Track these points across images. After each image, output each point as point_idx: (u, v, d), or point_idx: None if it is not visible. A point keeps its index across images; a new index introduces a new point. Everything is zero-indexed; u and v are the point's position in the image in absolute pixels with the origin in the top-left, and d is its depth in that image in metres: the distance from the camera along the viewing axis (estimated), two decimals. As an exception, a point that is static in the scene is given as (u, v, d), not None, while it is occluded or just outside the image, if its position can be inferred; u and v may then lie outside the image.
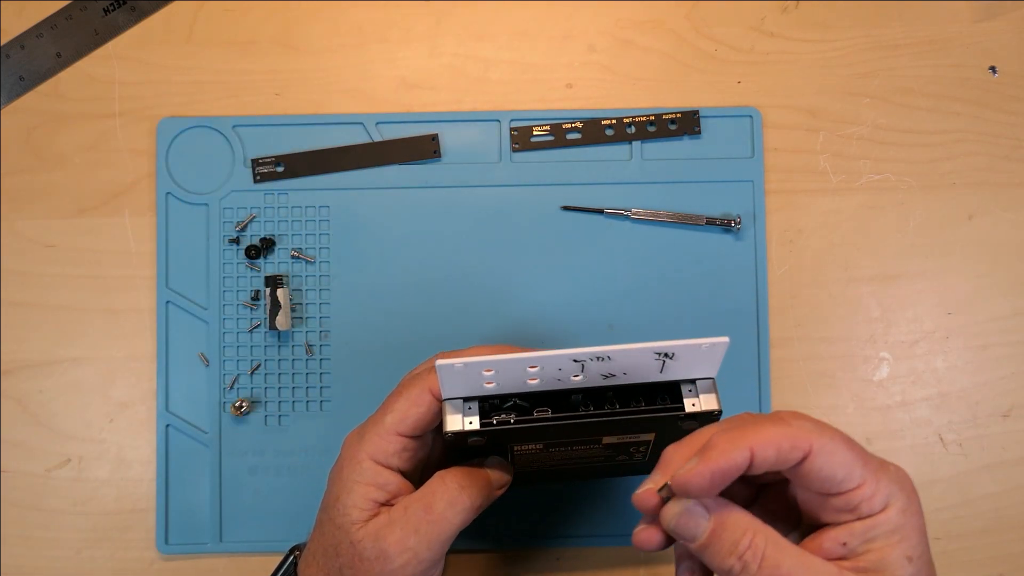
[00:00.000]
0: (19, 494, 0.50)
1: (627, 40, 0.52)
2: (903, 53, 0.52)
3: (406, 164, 0.51)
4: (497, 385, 0.35)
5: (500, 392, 0.35)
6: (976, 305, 0.51)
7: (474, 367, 0.33)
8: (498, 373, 0.34)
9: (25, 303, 0.51)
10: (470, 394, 0.36)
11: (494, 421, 0.35)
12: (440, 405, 0.36)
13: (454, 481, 0.37)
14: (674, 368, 0.35)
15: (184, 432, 0.49)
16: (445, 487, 0.37)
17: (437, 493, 0.37)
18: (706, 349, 0.33)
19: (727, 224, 0.50)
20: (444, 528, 0.37)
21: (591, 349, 0.33)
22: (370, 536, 0.36)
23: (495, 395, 0.36)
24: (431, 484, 0.38)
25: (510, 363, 0.33)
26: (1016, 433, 0.50)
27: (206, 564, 0.50)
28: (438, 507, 0.37)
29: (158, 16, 0.52)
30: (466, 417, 0.35)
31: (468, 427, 0.35)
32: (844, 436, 0.31)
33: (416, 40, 0.52)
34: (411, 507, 0.37)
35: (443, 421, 0.36)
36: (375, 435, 0.37)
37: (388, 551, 0.36)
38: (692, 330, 0.50)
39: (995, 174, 0.51)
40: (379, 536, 0.36)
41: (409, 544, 0.36)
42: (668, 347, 0.33)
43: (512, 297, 0.50)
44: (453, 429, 0.35)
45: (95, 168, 0.51)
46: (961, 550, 0.50)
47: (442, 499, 0.37)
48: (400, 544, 0.36)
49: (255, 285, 0.50)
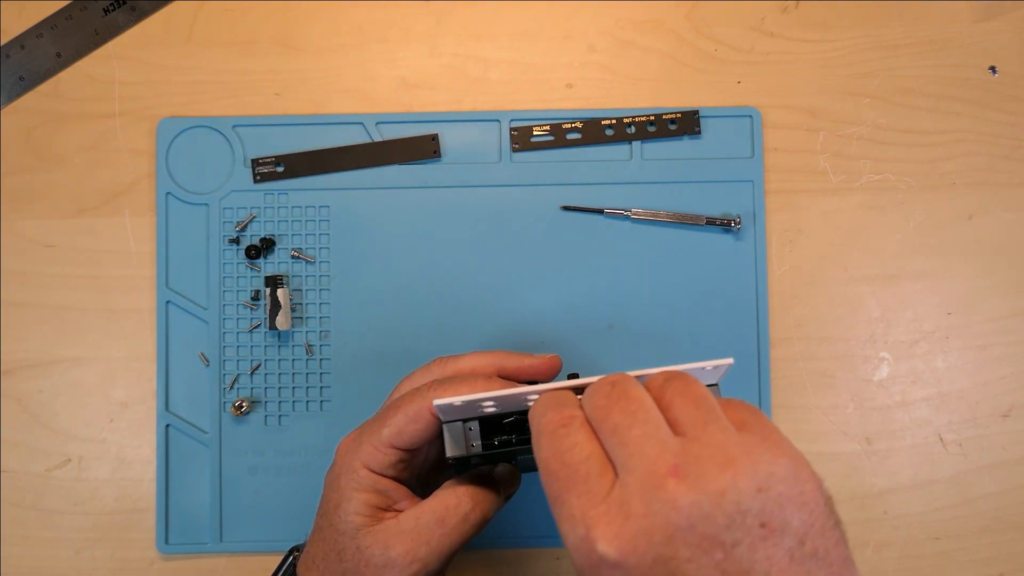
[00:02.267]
0: (19, 494, 0.50)
1: (627, 40, 0.52)
2: (903, 53, 0.52)
3: (406, 164, 0.51)
4: (497, 408, 0.35)
5: (500, 412, 0.35)
6: (976, 305, 0.51)
7: (473, 403, 0.33)
8: (497, 404, 0.34)
9: (25, 303, 0.51)
10: (470, 416, 0.35)
11: (496, 443, 0.35)
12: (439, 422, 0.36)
13: (467, 495, 0.37)
14: None
15: (184, 432, 0.49)
16: (459, 501, 0.37)
17: (450, 507, 0.37)
18: (710, 370, 0.33)
19: (727, 224, 0.50)
20: (456, 541, 0.37)
21: (593, 379, 0.33)
22: (378, 544, 0.36)
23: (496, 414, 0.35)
24: (444, 497, 0.37)
25: (510, 397, 0.33)
26: (1016, 433, 0.50)
27: (206, 564, 0.50)
28: (451, 521, 0.37)
29: (158, 16, 0.52)
30: (468, 440, 0.35)
31: (471, 451, 0.35)
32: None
33: (416, 40, 0.52)
34: (423, 518, 0.37)
35: (445, 445, 0.35)
36: (371, 446, 0.37)
37: (397, 560, 0.36)
38: (691, 330, 0.50)
39: (995, 174, 0.51)
40: (388, 545, 0.36)
41: (420, 555, 0.36)
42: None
43: (512, 297, 0.50)
44: (455, 455, 0.35)
45: (95, 168, 0.51)
46: (961, 550, 0.50)
47: (455, 514, 0.37)
48: (410, 554, 0.36)
49: (255, 285, 0.50)
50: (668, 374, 0.30)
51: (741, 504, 0.25)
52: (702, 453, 0.26)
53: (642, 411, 0.28)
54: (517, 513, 0.49)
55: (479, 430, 0.35)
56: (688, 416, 0.28)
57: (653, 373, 0.31)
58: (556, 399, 0.31)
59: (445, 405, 0.33)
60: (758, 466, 0.26)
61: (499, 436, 0.35)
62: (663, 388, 0.29)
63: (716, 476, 0.26)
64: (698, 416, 0.28)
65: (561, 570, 0.50)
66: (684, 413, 0.28)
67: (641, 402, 0.28)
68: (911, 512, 0.50)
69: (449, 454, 0.35)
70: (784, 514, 0.26)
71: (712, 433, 0.27)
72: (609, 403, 0.29)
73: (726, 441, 0.27)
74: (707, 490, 0.26)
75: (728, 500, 0.25)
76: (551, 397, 0.31)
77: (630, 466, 0.27)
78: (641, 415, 0.28)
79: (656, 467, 0.26)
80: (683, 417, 0.28)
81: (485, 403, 0.34)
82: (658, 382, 0.30)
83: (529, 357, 0.39)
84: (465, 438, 0.35)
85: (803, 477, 0.27)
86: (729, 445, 0.27)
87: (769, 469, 0.26)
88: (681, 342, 0.50)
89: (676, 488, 0.26)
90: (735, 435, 0.27)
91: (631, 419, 0.28)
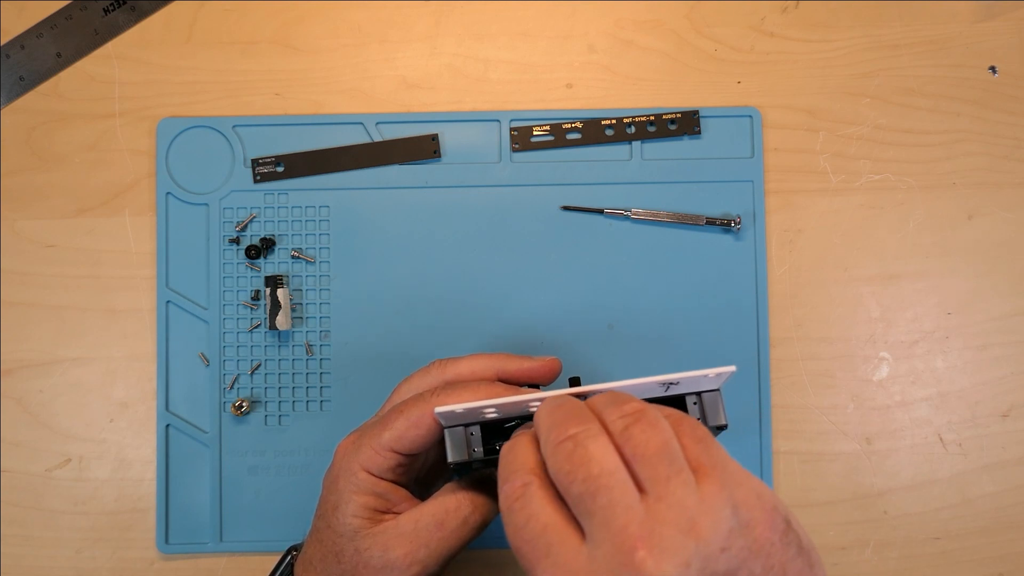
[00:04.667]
0: (19, 494, 0.50)
1: (627, 40, 0.52)
2: (903, 53, 0.52)
3: (406, 164, 0.51)
4: (499, 414, 0.35)
5: (502, 417, 0.35)
6: (976, 305, 0.51)
7: (474, 410, 0.33)
8: (499, 411, 0.34)
9: (25, 303, 0.51)
10: (472, 421, 0.35)
11: (497, 447, 0.35)
12: (440, 427, 0.36)
13: (467, 499, 0.37)
14: (678, 388, 0.35)
15: (184, 432, 0.49)
16: (458, 504, 0.37)
17: (450, 511, 0.37)
18: (712, 378, 0.33)
19: (727, 224, 0.50)
20: (455, 544, 0.37)
21: (595, 387, 0.33)
22: (377, 546, 0.36)
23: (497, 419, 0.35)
24: (443, 500, 0.37)
25: (512, 405, 0.33)
26: (1015, 433, 0.50)
27: (206, 564, 0.50)
28: (450, 524, 0.36)
29: (158, 16, 0.52)
30: (470, 445, 0.35)
31: (472, 456, 0.35)
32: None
33: (416, 40, 0.52)
34: (422, 521, 0.36)
35: (447, 450, 0.35)
36: (371, 449, 0.37)
37: (396, 563, 0.36)
38: (691, 330, 0.50)
39: (995, 174, 0.51)
40: (387, 547, 0.36)
41: (419, 557, 0.36)
42: (673, 379, 0.33)
43: (512, 297, 0.50)
44: (457, 460, 0.35)
45: (95, 168, 0.51)
46: (961, 550, 0.50)
47: (455, 517, 0.37)
48: (409, 557, 0.36)
49: (255, 285, 0.50)
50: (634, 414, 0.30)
51: (706, 569, 0.27)
52: (667, 517, 0.27)
53: (604, 475, 0.28)
54: (517, 513, 0.49)
55: (480, 435, 0.35)
56: (652, 471, 0.28)
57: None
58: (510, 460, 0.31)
59: (447, 412, 0.33)
60: (719, 525, 0.27)
61: (501, 441, 0.35)
62: (624, 436, 0.29)
63: (682, 544, 0.27)
64: (661, 472, 0.28)
65: (561, 570, 0.50)
66: (648, 467, 0.28)
67: (603, 465, 0.28)
68: (911, 512, 0.50)
69: (450, 459, 0.35)
70: (748, 567, 0.27)
71: (674, 490, 0.28)
72: (572, 467, 0.28)
73: (686, 500, 0.28)
74: (675, 561, 0.26)
75: (694, 569, 0.27)
76: (507, 460, 0.31)
77: (597, 538, 0.27)
78: (604, 479, 0.28)
79: (623, 540, 0.27)
80: (646, 472, 0.28)
81: (487, 410, 0.34)
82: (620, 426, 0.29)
83: (529, 360, 0.39)
84: (467, 443, 0.35)
85: (755, 519, 0.28)
86: (690, 504, 0.27)
87: (728, 525, 0.27)
88: (681, 342, 0.50)
89: (645, 561, 0.26)
90: (695, 491, 0.28)
91: (594, 486, 0.28)
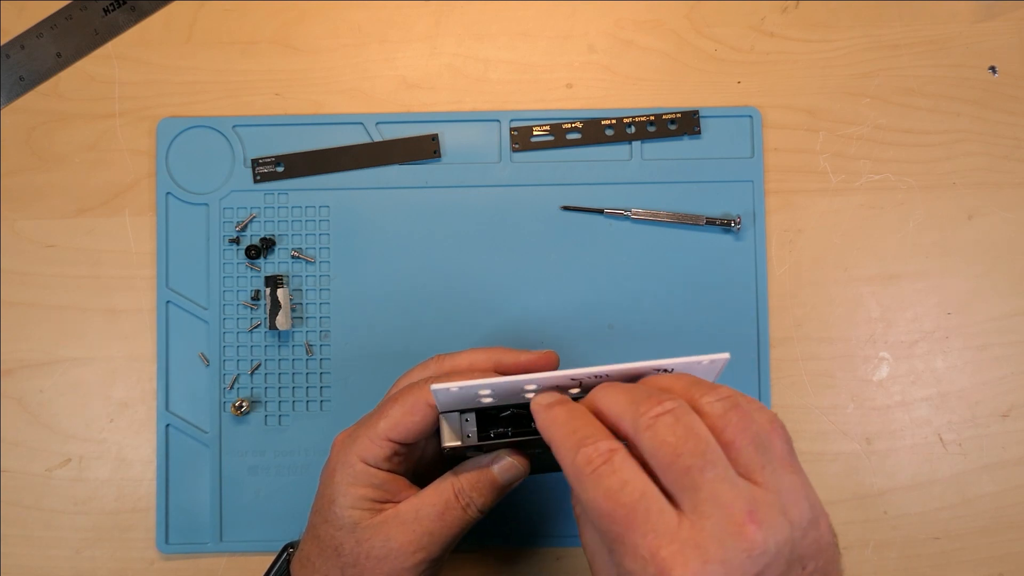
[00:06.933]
0: (19, 494, 0.50)
1: (627, 40, 0.52)
2: (903, 53, 0.52)
3: (406, 164, 0.51)
4: (494, 399, 0.35)
5: (497, 404, 0.35)
6: (976, 305, 0.51)
7: (469, 389, 0.33)
8: (494, 391, 0.34)
9: (25, 303, 0.51)
10: (467, 406, 0.35)
11: (491, 435, 0.35)
12: (436, 414, 0.36)
13: (469, 483, 0.37)
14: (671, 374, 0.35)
15: (184, 432, 0.49)
16: (459, 491, 0.37)
17: (450, 498, 0.37)
18: (706, 365, 0.33)
19: (727, 224, 0.50)
20: (457, 530, 0.37)
21: (589, 369, 0.33)
22: (379, 536, 0.37)
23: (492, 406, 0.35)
24: (443, 488, 0.38)
25: (506, 385, 0.33)
26: (1015, 433, 0.50)
27: (206, 564, 0.50)
28: (451, 512, 0.37)
29: (158, 16, 0.52)
30: (464, 431, 0.35)
31: (467, 441, 0.35)
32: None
33: (416, 40, 0.52)
34: (423, 509, 0.37)
35: (441, 435, 0.35)
36: (367, 439, 0.37)
37: (400, 551, 0.36)
38: (691, 330, 0.50)
39: (995, 174, 0.51)
40: (389, 536, 0.36)
41: (423, 544, 0.37)
42: (667, 364, 0.33)
43: (512, 297, 0.50)
44: (451, 444, 0.35)
45: (95, 168, 0.51)
46: (961, 550, 0.50)
47: (456, 504, 0.37)
48: (413, 544, 0.36)
49: (255, 285, 0.50)
50: (730, 399, 0.30)
51: (796, 550, 0.28)
52: (767, 499, 0.28)
53: (710, 451, 0.29)
54: (517, 513, 0.49)
55: (476, 421, 0.35)
56: (749, 459, 0.29)
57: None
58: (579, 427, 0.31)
59: (442, 390, 0.33)
60: (803, 515, 0.28)
61: (496, 428, 0.35)
62: (724, 420, 0.30)
63: (782, 524, 0.28)
64: (758, 460, 0.29)
65: (561, 570, 0.50)
66: (745, 455, 0.29)
67: (708, 442, 0.29)
68: (911, 512, 0.50)
69: (445, 443, 0.35)
70: (814, 560, 0.29)
71: (769, 477, 0.29)
72: (677, 440, 0.29)
73: (780, 486, 0.29)
74: (777, 538, 0.27)
75: (787, 550, 0.28)
76: (573, 426, 0.31)
77: (704, 510, 0.28)
78: (710, 456, 0.28)
79: (733, 513, 0.27)
80: (743, 458, 0.29)
81: (482, 392, 0.34)
82: (718, 409, 0.30)
83: (526, 353, 0.40)
84: (461, 428, 0.35)
85: (821, 518, 0.29)
86: (783, 491, 0.29)
87: (808, 517, 0.29)
88: (681, 342, 0.50)
89: (755, 535, 0.27)
90: (784, 480, 0.29)
91: (702, 460, 0.28)
